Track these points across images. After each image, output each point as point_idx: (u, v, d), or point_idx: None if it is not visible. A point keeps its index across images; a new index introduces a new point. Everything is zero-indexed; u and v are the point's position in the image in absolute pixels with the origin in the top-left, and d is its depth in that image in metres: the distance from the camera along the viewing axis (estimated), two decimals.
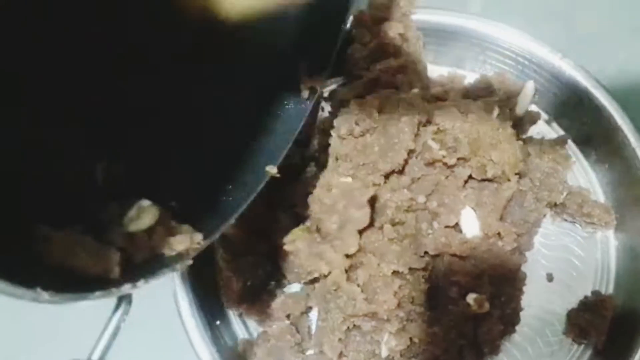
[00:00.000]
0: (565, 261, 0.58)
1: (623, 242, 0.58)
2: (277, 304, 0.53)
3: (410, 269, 0.50)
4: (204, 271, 0.54)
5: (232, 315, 0.56)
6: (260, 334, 0.54)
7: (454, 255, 0.51)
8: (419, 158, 0.51)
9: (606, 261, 0.58)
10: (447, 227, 0.51)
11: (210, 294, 0.54)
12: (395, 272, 0.49)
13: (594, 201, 0.58)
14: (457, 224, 0.52)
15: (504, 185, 0.52)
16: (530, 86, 0.59)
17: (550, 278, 0.57)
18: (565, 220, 0.58)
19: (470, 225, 0.52)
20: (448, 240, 0.51)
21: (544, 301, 0.56)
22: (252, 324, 0.56)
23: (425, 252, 0.51)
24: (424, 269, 0.51)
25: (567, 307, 0.55)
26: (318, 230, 0.50)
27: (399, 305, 0.48)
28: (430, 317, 0.50)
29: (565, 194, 0.56)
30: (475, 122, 0.51)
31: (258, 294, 0.54)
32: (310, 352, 0.53)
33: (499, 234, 0.52)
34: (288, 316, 0.54)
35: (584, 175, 0.61)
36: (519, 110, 0.58)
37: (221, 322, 0.55)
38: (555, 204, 0.57)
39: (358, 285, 0.49)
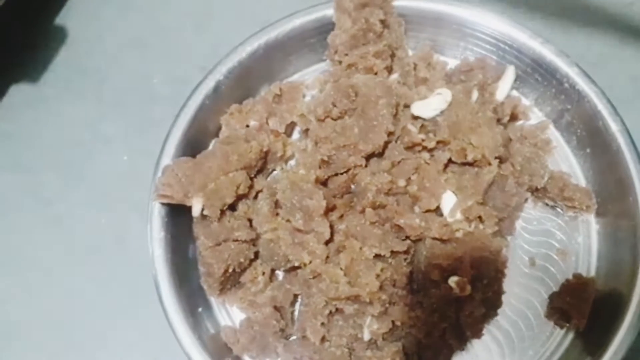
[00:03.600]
0: (546, 245, 0.58)
1: (604, 226, 0.58)
2: (266, 297, 0.53)
3: (392, 252, 0.50)
4: (184, 257, 0.54)
5: (214, 302, 0.56)
6: (243, 320, 0.54)
7: (435, 238, 0.51)
8: (398, 142, 0.51)
9: (587, 245, 0.58)
10: (428, 210, 0.51)
11: (191, 281, 0.54)
12: (377, 256, 0.49)
13: (575, 185, 0.58)
14: (438, 208, 0.52)
15: (484, 170, 0.52)
16: (511, 71, 0.59)
17: (532, 262, 0.57)
18: (547, 204, 0.59)
19: (451, 209, 0.52)
20: (429, 223, 0.51)
21: (526, 285, 0.56)
22: (234, 310, 0.56)
23: (407, 236, 0.51)
24: (406, 252, 0.51)
25: (549, 291, 0.56)
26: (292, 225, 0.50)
27: (381, 288, 0.48)
28: (413, 301, 0.50)
29: (546, 178, 0.56)
30: (454, 106, 0.51)
31: (240, 282, 0.54)
32: (294, 337, 0.53)
33: (480, 217, 0.52)
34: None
35: (565, 159, 0.61)
36: (500, 95, 0.58)
37: (203, 309, 0.55)
38: (537, 189, 0.57)
39: (341, 269, 0.49)
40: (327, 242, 0.50)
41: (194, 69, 0.65)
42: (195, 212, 0.52)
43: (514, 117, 0.61)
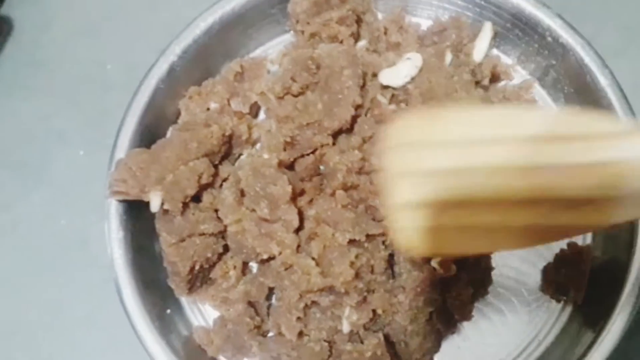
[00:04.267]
0: None
1: None
2: (238, 292, 0.49)
3: (367, 235, 0.46)
4: (150, 256, 0.51)
5: (186, 302, 0.52)
6: (216, 319, 0.50)
7: None
8: (368, 115, 0.47)
9: None
10: None
11: (159, 281, 0.50)
12: (351, 241, 0.45)
13: None
14: None
15: None
16: (487, 27, 0.54)
17: None
18: None
19: None
20: None
21: (517, 258, 0.52)
22: (208, 309, 0.52)
23: (383, 218, 0.47)
24: (383, 234, 0.47)
25: (543, 263, 0.52)
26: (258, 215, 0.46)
27: (357, 276, 0.45)
28: (394, 286, 0.47)
29: None
30: (427, 71, 0.47)
31: (210, 278, 0.50)
32: (271, 333, 0.50)
33: None
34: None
35: None
36: (477, 55, 0.53)
37: (173, 310, 0.51)
38: None
39: (313, 259, 0.45)
40: (297, 230, 0.46)
41: (150, 51, 0.58)
42: (154, 207, 0.48)
43: (495, 78, 0.56)
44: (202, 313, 0.52)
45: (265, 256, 0.46)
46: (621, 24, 0.62)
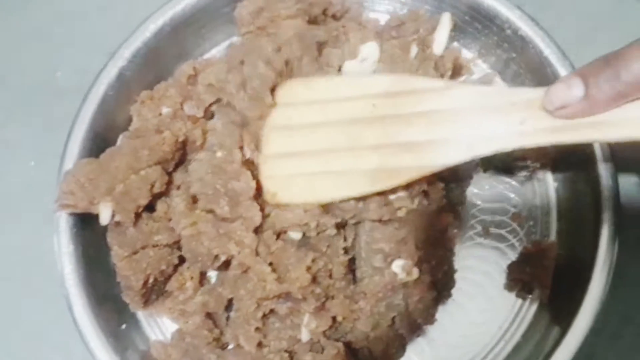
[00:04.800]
0: (501, 211, 0.53)
1: (563, 182, 0.53)
2: (196, 303, 0.48)
3: (319, 233, 0.45)
4: (103, 270, 0.49)
5: (142, 316, 0.51)
6: (174, 333, 0.49)
7: (375, 220, 0.46)
8: None
9: (546, 206, 0.53)
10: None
11: (111, 296, 0.49)
12: (305, 239, 0.44)
13: None
14: None
15: None
16: (446, 18, 0.52)
17: (486, 231, 0.52)
18: (497, 167, 0.53)
19: None
20: (366, 204, 0.45)
21: (481, 257, 0.52)
22: (166, 322, 0.51)
23: (342, 222, 0.45)
24: (344, 238, 0.46)
25: (507, 261, 0.51)
26: (214, 216, 0.44)
27: (314, 281, 0.43)
28: (355, 292, 0.45)
29: None
30: (391, 64, 0.46)
31: (166, 290, 0.48)
32: (231, 346, 0.48)
33: (424, 192, 0.47)
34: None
35: None
36: (437, 47, 0.52)
37: (129, 325, 0.49)
38: None
39: (270, 264, 0.43)
40: (256, 231, 0.45)
41: (102, 56, 0.55)
42: (104, 219, 0.46)
43: (456, 72, 0.55)
44: (159, 327, 0.51)
45: (223, 258, 0.44)
46: (583, 13, 0.61)
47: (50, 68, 0.61)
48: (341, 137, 0.44)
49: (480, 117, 0.40)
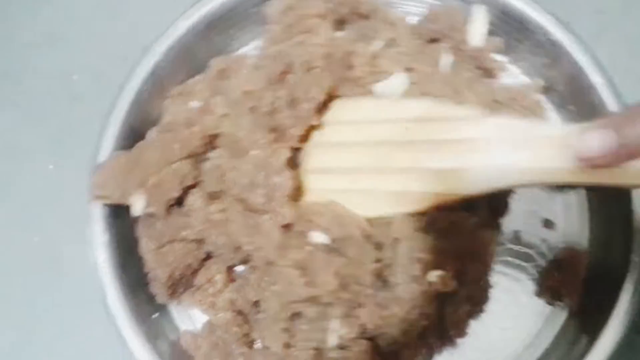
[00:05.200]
0: (533, 217, 0.52)
1: (597, 193, 0.52)
2: (224, 300, 0.48)
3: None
4: (133, 260, 0.49)
5: (173, 306, 0.51)
6: (205, 324, 0.49)
7: (417, 230, 0.45)
8: None
9: (579, 215, 0.52)
10: None
11: (143, 286, 0.49)
12: (334, 248, 0.44)
13: None
14: None
15: None
16: (481, 9, 0.51)
17: (517, 237, 0.51)
18: None
19: None
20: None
21: (512, 263, 0.51)
22: (196, 313, 0.51)
23: None
24: (376, 246, 0.45)
25: (538, 267, 0.51)
26: (245, 207, 0.45)
27: (342, 287, 0.43)
28: (387, 298, 0.45)
29: None
30: (421, 82, 0.47)
31: (194, 285, 0.49)
32: (258, 344, 0.48)
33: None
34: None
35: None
36: (474, 39, 0.51)
37: (160, 314, 0.50)
38: None
39: (299, 267, 0.43)
40: (285, 229, 0.45)
41: (116, 60, 0.57)
42: (136, 211, 0.47)
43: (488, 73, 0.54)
44: (190, 318, 0.51)
45: (246, 248, 0.45)
46: (595, 8, 0.60)
47: (66, 72, 0.61)
48: (371, 158, 0.45)
49: (511, 150, 0.39)
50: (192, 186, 0.49)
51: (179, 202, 0.48)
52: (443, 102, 0.45)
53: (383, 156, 0.45)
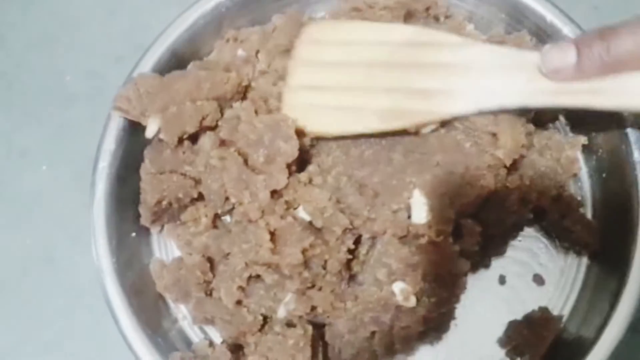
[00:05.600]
0: (525, 266, 0.51)
1: (598, 265, 0.50)
2: (200, 242, 0.49)
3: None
4: (131, 182, 0.50)
5: (155, 234, 0.53)
6: (175, 259, 0.51)
7: (396, 236, 0.45)
8: None
9: (570, 281, 0.51)
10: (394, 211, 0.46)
11: (131, 204, 0.50)
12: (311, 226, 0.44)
13: (581, 215, 0.50)
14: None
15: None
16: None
17: (502, 280, 0.51)
18: (545, 227, 0.51)
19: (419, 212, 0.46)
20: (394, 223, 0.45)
21: (488, 303, 0.50)
22: (174, 248, 0.53)
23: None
24: (355, 242, 0.46)
25: (511, 317, 0.49)
26: (245, 162, 0.45)
27: (306, 266, 0.44)
28: (346, 291, 0.45)
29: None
30: None
31: (181, 219, 0.50)
32: (216, 294, 0.49)
33: (460, 228, 0.46)
34: None
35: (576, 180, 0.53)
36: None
37: (138, 235, 0.51)
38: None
39: (272, 234, 0.44)
40: (273, 196, 0.45)
41: (109, 60, 0.60)
42: (148, 133, 0.48)
43: None
44: (166, 249, 0.53)
45: (234, 200, 0.45)
46: (591, 5, 0.61)
47: (59, 72, 0.61)
48: (359, 77, 0.47)
49: (490, 74, 0.43)
50: (210, 128, 0.50)
51: (194, 139, 0.50)
52: (428, 28, 0.49)
53: (370, 76, 0.46)
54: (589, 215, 0.51)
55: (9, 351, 0.54)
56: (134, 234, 0.51)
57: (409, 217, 0.46)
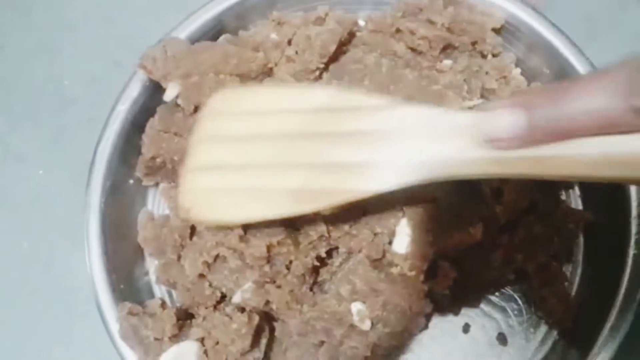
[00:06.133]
0: (491, 321, 0.50)
1: (566, 343, 0.49)
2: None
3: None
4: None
5: (151, 190, 0.55)
6: (161, 216, 0.52)
7: (369, 258, 0.46)
8: None
9: (534, 349, 0.50)
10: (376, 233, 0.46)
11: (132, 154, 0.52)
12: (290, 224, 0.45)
13: (563, 288, 0.49)
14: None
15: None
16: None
17: (465, 329, 0.50)
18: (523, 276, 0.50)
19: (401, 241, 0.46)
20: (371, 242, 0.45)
21: (447, 350, 0.50)
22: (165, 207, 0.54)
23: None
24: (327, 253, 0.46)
25: None
26: None
27: (269, 261, 0.44)
28: (307, 295, 0.46)
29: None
30: None
31: (170, 178, 0.52)
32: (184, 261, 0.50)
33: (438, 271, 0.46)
34: None
35: None
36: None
37: (135, 183, 0.53)
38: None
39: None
40: None
41: (107, 64, 0.60)
42: (167, 96, 0.50)
43: None
44: (158, 206, 0.55)
45: None
46: (584, 15, 0.59)
47: (58, 77, 0.61)
48: (268, 151, 0.41)
49: (421, 140, 0.36)
50: None
51: None
52: (350, 89, 0.43)
53: (282, 150, 0.40)
54: (573, 292, 0.50)
55: (7, 356, 0.54)
56: (131, 181, 0.52)
57: (390, 242, 0.46)
